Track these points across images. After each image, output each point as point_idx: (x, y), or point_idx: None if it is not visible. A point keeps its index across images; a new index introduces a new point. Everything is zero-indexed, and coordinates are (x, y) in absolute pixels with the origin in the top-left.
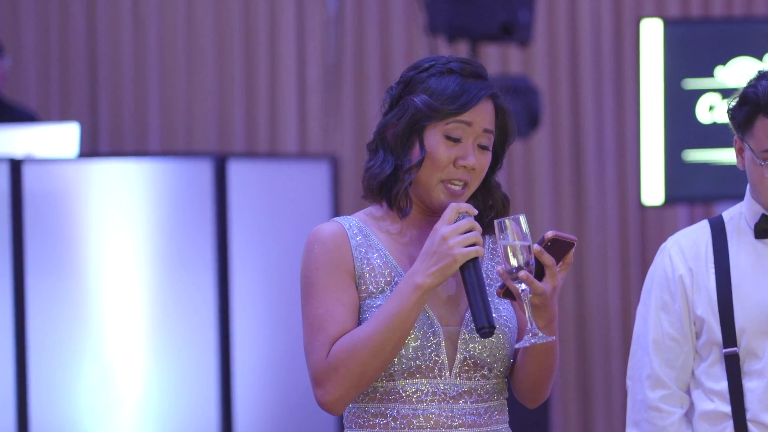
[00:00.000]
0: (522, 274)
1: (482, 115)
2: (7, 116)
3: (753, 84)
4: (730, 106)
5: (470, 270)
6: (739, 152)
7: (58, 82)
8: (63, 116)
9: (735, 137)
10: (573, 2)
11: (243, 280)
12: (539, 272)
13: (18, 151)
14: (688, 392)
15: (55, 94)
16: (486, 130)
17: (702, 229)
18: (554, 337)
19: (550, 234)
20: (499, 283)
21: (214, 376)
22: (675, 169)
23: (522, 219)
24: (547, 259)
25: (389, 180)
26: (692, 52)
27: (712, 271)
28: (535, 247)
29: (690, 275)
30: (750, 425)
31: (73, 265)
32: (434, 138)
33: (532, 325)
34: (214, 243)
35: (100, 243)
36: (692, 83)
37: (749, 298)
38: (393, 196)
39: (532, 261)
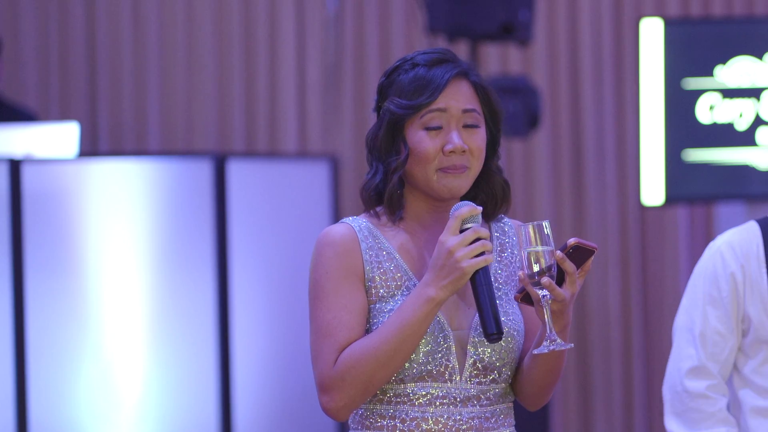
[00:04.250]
0: (545, 280)
1: (456, 97)
2: (7, 116)
3: None
4: None
5: (479, 277)
6: None
7: (58, 82)
8: (63, 116)
9: None
10: (573, 2)
11: (243, 280)
12: (559, 278)
13: (17, 151)
14: (731, 390)
15: (55, 94)
16: (466, 110)
17: (751, 229)
18: (572, 345)
19: (572, 241)
20: (518, 287)
21: (214, 376)
22: (675, 169)
23: (546, 224)
24: (569, 266)
25: (381, 187)
26: (692, 52)
27: (764, 270)
28: (558, 254)
29: (742, 272)
30: None
31: (73, 264)
32: (415, 133)
33: (551, 331)
34: (214, 243)
35: (100, 243)
36: (692, 83)
37: None
38: (386, 200)
39: (555, 268)
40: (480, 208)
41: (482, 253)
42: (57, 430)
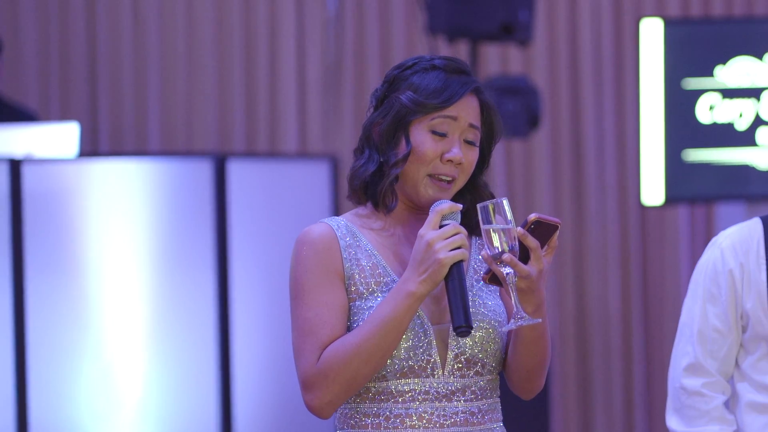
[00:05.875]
0: (506, 256)
1: (467, 110)
2: (7, 116)
3: None
4: None
5: (452, 271)
6: None
7: (58, 82)
8: (63, 116)
9: None
10: (573, 2)
11: (243, 280)
12: (524, 257)
13: (18, 151)
14: (731, 383)
15: (55, 94)
16: (471, 125)
17: (754, 226)
18: (540, 320)
19: (533, 216)
20: (485, 269)
21: (214, 376)
22: (675, 169)
23: (505, 202)
24: (531, 241)
25: (374, 178)
26: (692, 52)
27: (764, 266)
28: (519, 230)
29: (740, 269)
30: None
31: (73, 264)
32: (420, 133)
33: (517, 308)
34: (214, 243)
35: (100, 243)
36: (692, 83)
37: None
38: (378, 192)
39: (516, 245)
40: (460, 206)
41: (460, 248)
42: (57, 430)
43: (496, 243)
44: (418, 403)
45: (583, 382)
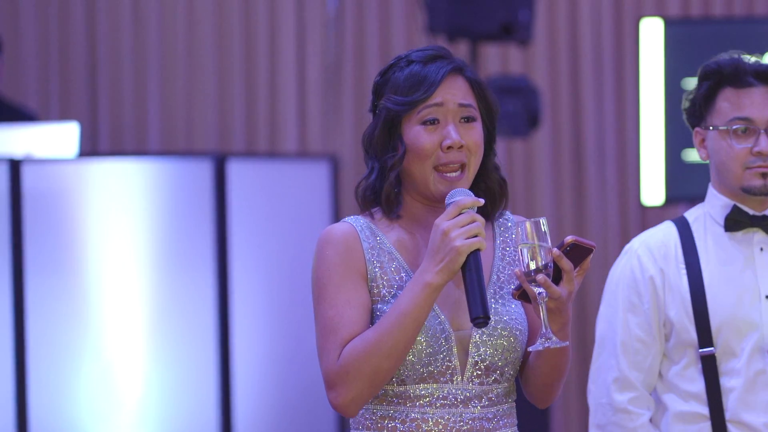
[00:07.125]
0: (540, 277)
1: (452, 92)
2: (7, 116)
3: (713, 61)
4: (688, 98)
5: (469, 262)
6: (701, 144)
7: (58, 82)
8: (63, 116)
9: (694, 131)
10: (573, 2)
11: (243, 280)
12: (556, 276)
13: (18, 151)
14: (655, 395)
15: (55, 94)
16: (461, 105)
17: (668, 229)
18: (567, 342)
19: (569, 239)
20: (515, 284)
21: (214, 376)
22: (675, 169)
23: (543, 221)
24: (566, 264)
25: (377, 185)
26: (692, 52)
27: (683, 271)
28: (555, 251)
29: (661, 276)
30: (729, 426)
31: (73, 264)
32: (412, 129)
33: (546, 329)
34: (214, 243)
35: (100, 243)
36: (692, 83)
37: (723, 296)
38: (383, 198)
39: (551, 265)
40: (482, 201)
41: (476, 236)
42: (57, 430)
43: (531, 262)
44: (435, 408)
45: (583, 382)
